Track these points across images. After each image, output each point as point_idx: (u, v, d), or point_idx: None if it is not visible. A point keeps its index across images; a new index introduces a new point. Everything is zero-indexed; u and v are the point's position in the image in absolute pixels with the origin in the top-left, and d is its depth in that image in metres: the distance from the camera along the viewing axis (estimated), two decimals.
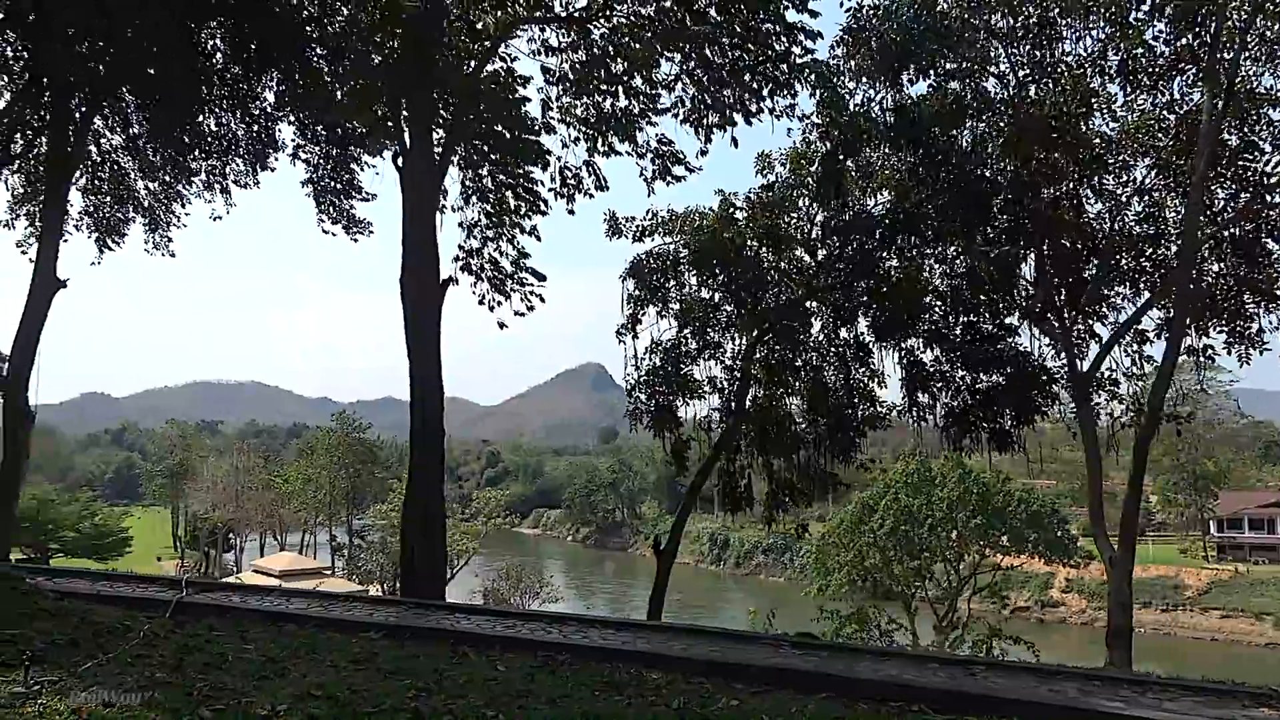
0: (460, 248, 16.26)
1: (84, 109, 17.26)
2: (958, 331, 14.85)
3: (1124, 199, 14.92)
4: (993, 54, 14.16)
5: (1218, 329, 14.14)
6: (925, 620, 43.80)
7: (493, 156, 15.52)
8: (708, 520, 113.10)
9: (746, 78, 13.45)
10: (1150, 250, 14.85)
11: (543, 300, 16.57)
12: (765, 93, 13.40)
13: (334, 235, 17.68)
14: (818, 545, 44.43)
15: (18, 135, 19.07)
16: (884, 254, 14.67)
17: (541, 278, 16.60)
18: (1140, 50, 12.89)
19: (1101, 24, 13.40)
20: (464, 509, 67.15)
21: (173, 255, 20.87)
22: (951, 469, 41.56)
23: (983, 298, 14.62)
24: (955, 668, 7.71)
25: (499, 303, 16.51)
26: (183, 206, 20.34)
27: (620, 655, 7.42)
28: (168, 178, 20.18)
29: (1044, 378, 14.76)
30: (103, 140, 20.15)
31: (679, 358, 15.65)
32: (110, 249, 21.23)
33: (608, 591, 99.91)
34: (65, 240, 20.97)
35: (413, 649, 7.47)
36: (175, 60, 14.42)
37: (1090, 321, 15.49)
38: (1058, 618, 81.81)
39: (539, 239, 16.23)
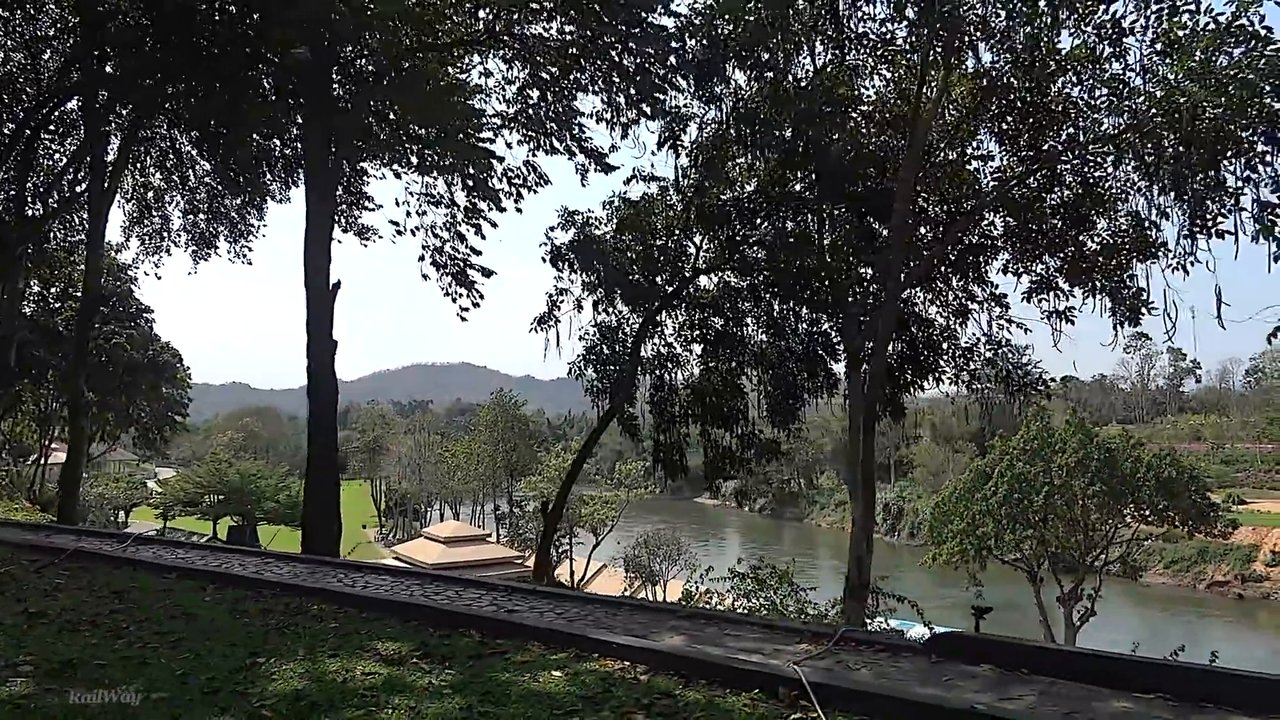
0: (424, 246, 18.23)
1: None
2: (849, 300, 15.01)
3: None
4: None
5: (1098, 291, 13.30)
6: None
7: (443, 163, 17.24)
8: (884, 491, 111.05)
9: (639, 79, 14.40)
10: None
11: (481, 299, 18.28)
12: (654, 94, 14.32)
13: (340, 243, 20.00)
14: (933, 514, 43.40)
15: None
16: (755, 229, 15.16)
17: (488, 274, 18.28)
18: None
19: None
20: (608, 480, 70.25)
21: (249, 264, 24.19)
22: (1072, 434, 39.37)
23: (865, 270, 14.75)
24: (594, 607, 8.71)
25: (461, 294, 18.34)
26: (260, 219, 23.51)
27: (350, 600, 8.88)
28: (247, 194, 23.40)
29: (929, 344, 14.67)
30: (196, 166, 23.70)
31: (623, 338, 16.84)
32: (204, 260, 24.91)
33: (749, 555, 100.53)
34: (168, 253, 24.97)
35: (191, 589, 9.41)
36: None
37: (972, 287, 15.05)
38: (1261, 593, 74.40)
39: (481, 237, 17.98)
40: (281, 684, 5.74)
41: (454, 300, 18.17)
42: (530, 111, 15.80)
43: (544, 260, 16.69)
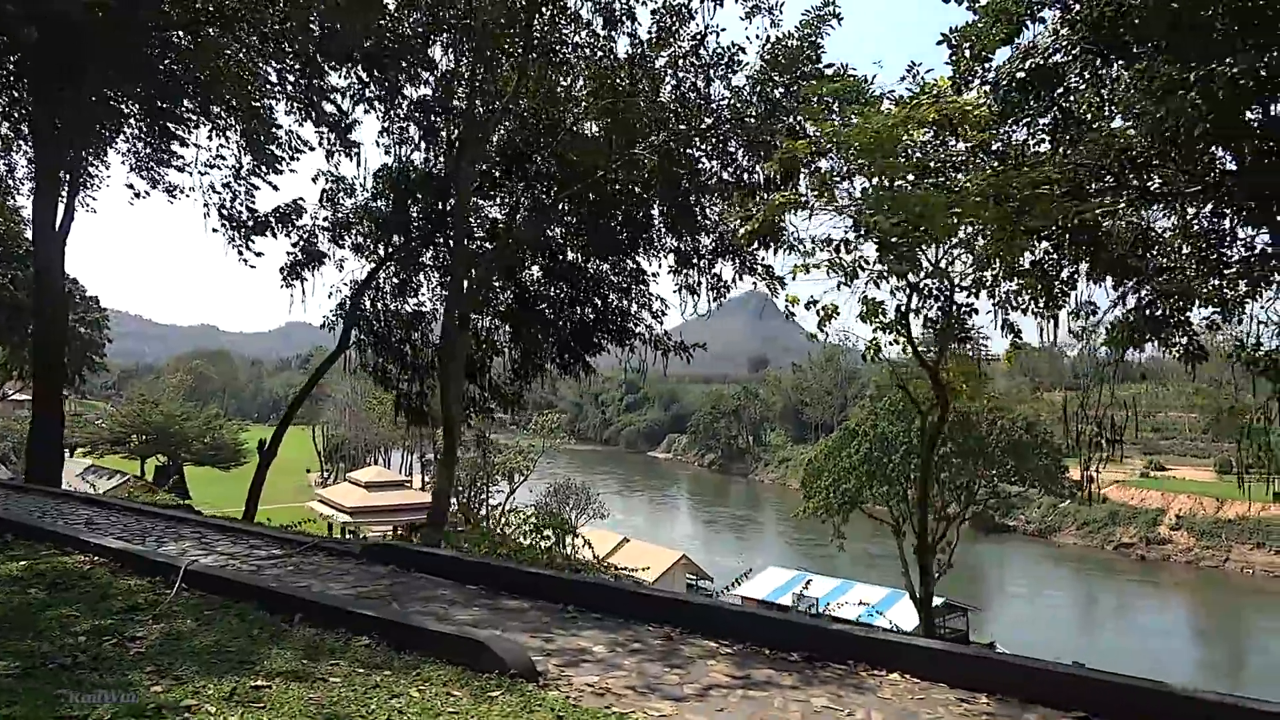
0: (206, 204, 19.32)
1: None
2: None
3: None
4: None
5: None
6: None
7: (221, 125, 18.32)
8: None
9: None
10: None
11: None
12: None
13: None
14: (805, 470, 45.33)
15: None
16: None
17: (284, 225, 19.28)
18: None
19: None
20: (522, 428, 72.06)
21: (93, 211, 25.17)
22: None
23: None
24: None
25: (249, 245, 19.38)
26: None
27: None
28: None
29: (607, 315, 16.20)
30: None
31: (388, 295, 18.29)
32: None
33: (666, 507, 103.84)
34: None
35: None
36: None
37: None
38: (1162, 554, 77.49)
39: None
40: None
41: (240, 254, 19.35)
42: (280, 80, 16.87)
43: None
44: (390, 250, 17.64)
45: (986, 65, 9.30)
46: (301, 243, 17.98)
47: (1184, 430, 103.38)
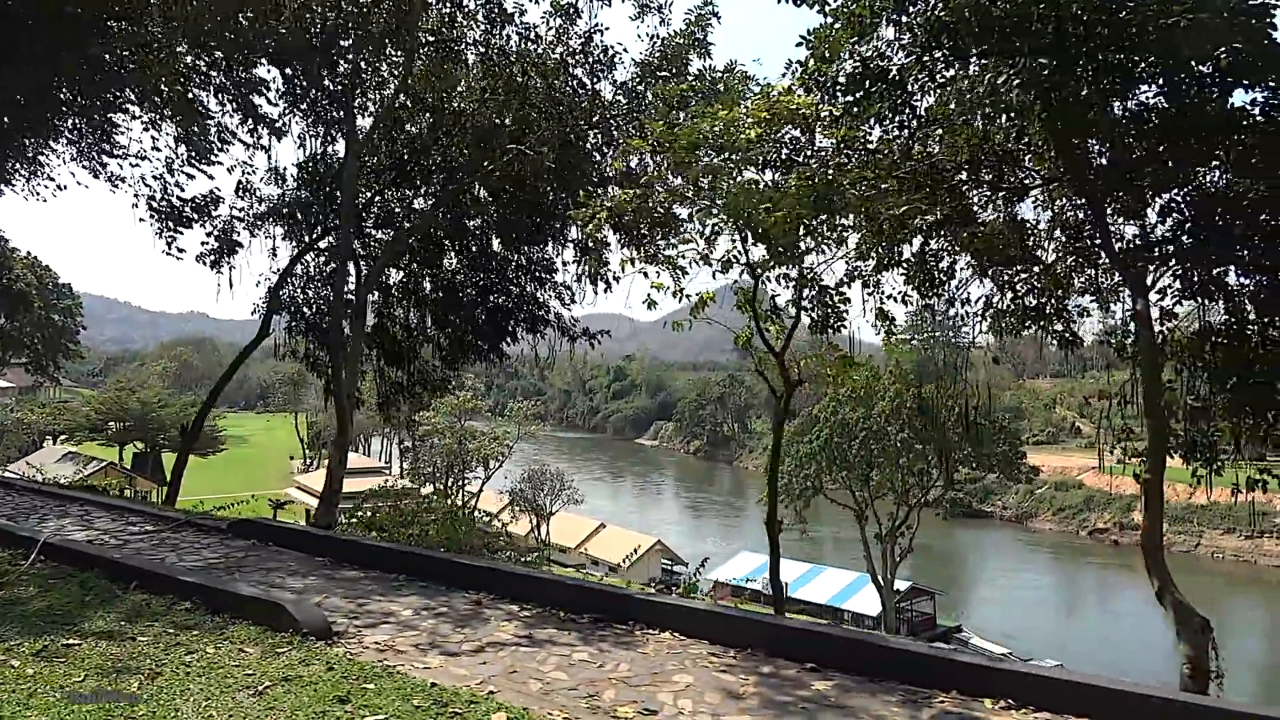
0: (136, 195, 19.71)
1: None
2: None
3: None
4: None
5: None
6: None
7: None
8: None
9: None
10: None
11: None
12: None
13: None
14: (766, 455, 45.95)
15: None
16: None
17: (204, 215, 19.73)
18: None
19: None
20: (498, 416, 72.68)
21: (43, 200, 25.51)
22: (891, 383, 41.74)
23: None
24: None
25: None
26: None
27: None
28: None
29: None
30: None
31: (318, 282, 18.77)
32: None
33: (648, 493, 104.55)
34: None
35: None
36: None
37: None
38: (1135, 541, 78.09)
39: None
40: None
41: (168, 244, 19.66)
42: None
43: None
44: (309, 240, 18.11)
45: (836, 67, 9.77)
46: (216, 233, 18.39)
47: None
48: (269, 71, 16.36)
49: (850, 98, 9.10)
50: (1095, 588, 66.76)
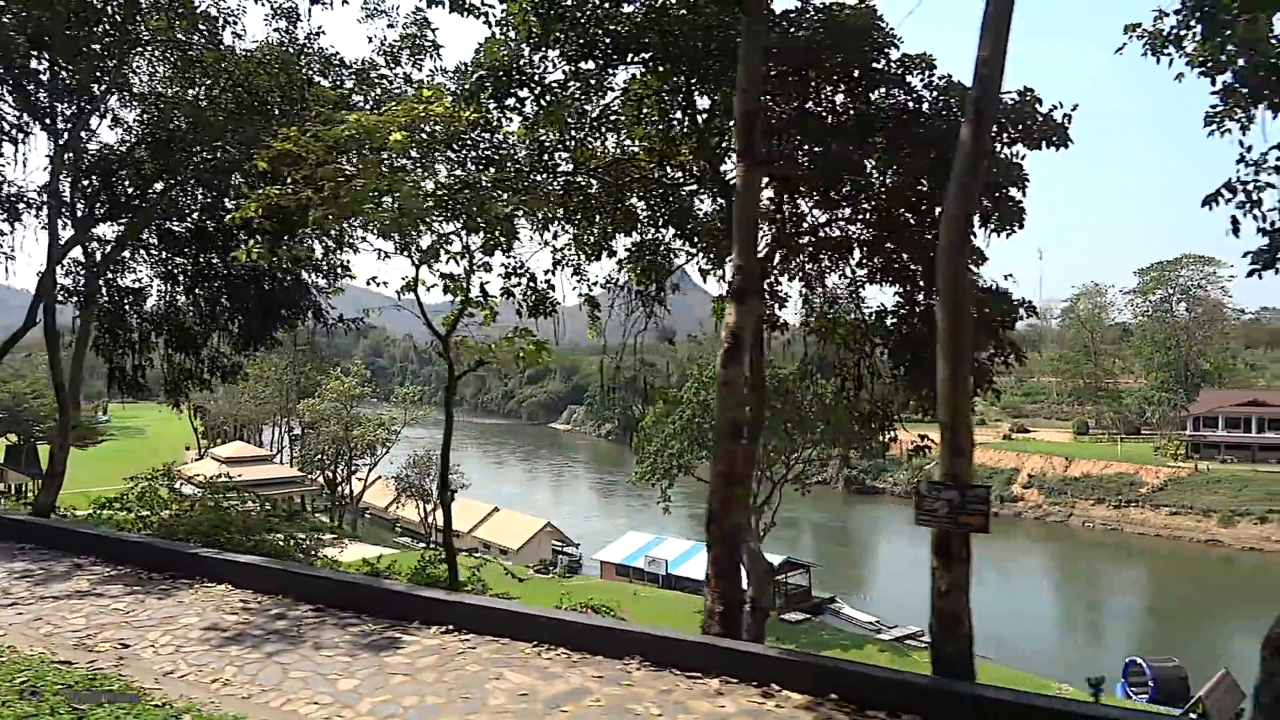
0: None
1: None
2: None
3: None
4: None
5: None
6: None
7: None
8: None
9: None
10: None
11: None
12: None
13: None
14: (636, 436, 47.24)
15: None
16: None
17: None
18: None
19: None
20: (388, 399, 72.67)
21: None
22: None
23: None
24: None
25: None
26: None
27: None
28: None
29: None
30: None
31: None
32: None
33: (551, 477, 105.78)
34: None
35: None
36: None
37: None
38: (1014, 512, 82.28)
39: None
40: None
41: None
42: None
43: None
44: (77, 231, 18.27)
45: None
46: None
47: (1051, 395, 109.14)
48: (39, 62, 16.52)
49: (481, 103, 10.01)
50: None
